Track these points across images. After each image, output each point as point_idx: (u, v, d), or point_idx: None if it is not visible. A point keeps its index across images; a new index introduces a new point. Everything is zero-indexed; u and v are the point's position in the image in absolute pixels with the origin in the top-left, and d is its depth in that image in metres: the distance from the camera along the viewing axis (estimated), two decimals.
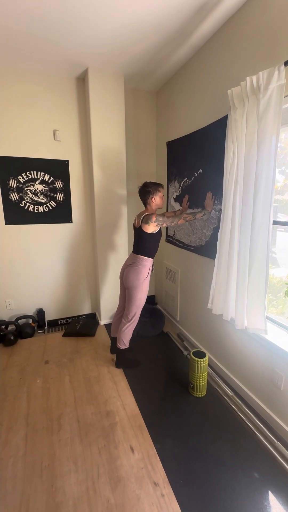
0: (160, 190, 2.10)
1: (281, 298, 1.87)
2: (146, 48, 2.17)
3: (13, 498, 1.33)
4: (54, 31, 1.92)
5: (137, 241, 2.16)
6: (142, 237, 2.09)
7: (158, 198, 2.10)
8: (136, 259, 2.15)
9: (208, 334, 2.37)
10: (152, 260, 2.17)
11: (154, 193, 2.08)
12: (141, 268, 2.12)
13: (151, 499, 1.32)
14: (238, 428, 1.73)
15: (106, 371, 2.27)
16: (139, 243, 2.14)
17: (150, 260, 2.15)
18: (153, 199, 2.09)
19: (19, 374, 2.24)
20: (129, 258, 2.23)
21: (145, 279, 2.14)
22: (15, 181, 2.66)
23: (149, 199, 2.09)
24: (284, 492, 1.35)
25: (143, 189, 2.09)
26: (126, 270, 2.18)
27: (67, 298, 3.14)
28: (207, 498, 1.33)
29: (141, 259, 2.13)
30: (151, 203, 2.10)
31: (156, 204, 2.11)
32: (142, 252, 2.13)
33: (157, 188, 2.09)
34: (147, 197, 2.09)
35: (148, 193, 2.07)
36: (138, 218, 2.14)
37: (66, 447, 1.59)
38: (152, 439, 1.64)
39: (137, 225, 2.13)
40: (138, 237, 2.15)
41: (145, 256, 2.13)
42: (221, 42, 1.92)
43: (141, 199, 2.13)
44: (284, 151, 1.73)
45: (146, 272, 2.14)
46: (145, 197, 2.10)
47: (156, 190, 2.08)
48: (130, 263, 2.17)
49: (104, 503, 1.30)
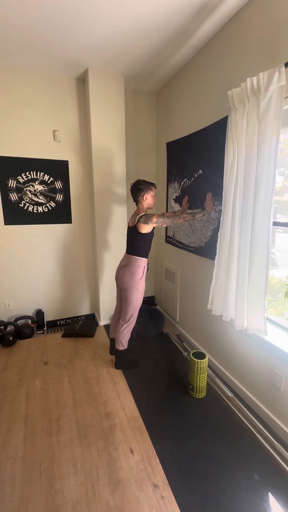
0: (152, 189, 2.08)
1: (280, 299, 1.87)
2: (146, 49, 2.18)
3: (11, 500, 1.32)
4: (54, 30, 1.92)
5: (131, 242, 2.15)
6: (136, 237, 2.08)
7: (149, 197, 2.07)
8: (130, 259, 2.14)
9: (208, 335, 2.36)
10: (146, 260, 2.16)
11: (146, 191, 2.05)
12: (135, 268, 2.11)
13: (150, 501, 1.31)
14: (238, 430, 1.72)
15: (105, 372, 2.27)
16: (133, 244, 2.12)
17: (144, 260, 2.15)
18: (144, 197, 2.06)
19: (18, 375, 2.23)
20: (123, 259, 2.22)
21: (140, 279, 2.13)
22: (15, 181, 2.66)
23: (140, 197, 2.06)
24: (284, 494, 1.35)
25: (135, 186, 2.06)
26: (121, 272, 2.17)
27: (66, 299, 3.14)
28: (207, 500, 1.32)
29: (135, 260, 2.12)
30: (142, 202, 2.07)
31: (147, 203, 2.08)
32: (136, 252, 2.12)
33: (149, 187, 2.06)
34: (138, 195, 2.05)
35: (140, 190, 2.04)
36: (132, 217, 2.13)
37: (65, 449, 1.58)
38: (152, 440, 1.64)
39: (131, 224, 2.12)
40: (131, 237, 2.14)
41: (139, 256, 2.12)
42: (222, 43, 1.93)
43: (132, 197, 2.11)
44: (283, 152, 1.73)
45: (141, 273, 2.13)
46: (136, 194, 2.06)
47: (148, 189, 2.05)
48: (125, 264, 2.17)
49: (104, 505, 1.30)
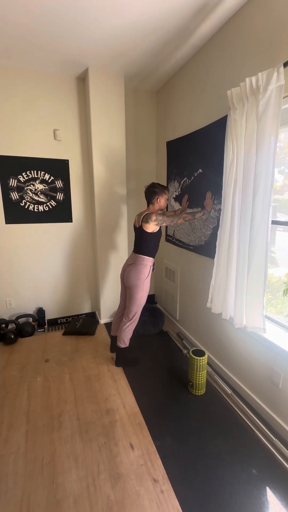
0: (166, 192, 2.16)
1: (280, 297, 1.89)
2: (146, 48, 2.18)
3: (14, 494, 1.34)
4: (55, 29, 1.92)
5: (138, 241, 2.17)
6: (143, 236, 2.11)
7: (163, 200, 2.15)
8: (137, 258, 2.16)
9: (207, 333, 2.38)
10: (153, 260, 2.19)
11: (160, 194, 2.13)
12: (142, 267, 2.13)
13: (150, 495, 1.34)
14: (237, 426, 1.74)
15: (106, 370, 2.29)
16: (140, 243, 2.16)
17: (151, 259, 2.17)
18: (158, 200, 2.13)
19: (20, 372, 2.26)
20: (130, 257, 2.25)
21: (146, 278, 2.15)
22: (15, 180, 2.67)
23: (154, 199, 2.13)
24: (282, 488, 1.37)
25: (150, 189, 2.14)
26: (127, 270, 2.19)
27: (67, 297, 3.16)
28: (206, 494, 1.34)
29: (142, 259, 2.14)
30: (155, 204, 2.15)
31: (160, 205, 2.16)
32: (143, 251, 2.15)
33: (164, 190, 2.14)
34: (152, 197, 2.13)
35: (155, 193, 2.12)
36: (138, 217, 2.16)
37: (67, 444, 1.61)
38: (152, 436, 1.66)
39: (137, 224, 2.15)
40: (138, 236, 2.17)
41: (146, 255, 2.15)
42: (221, 42, 1.93)
43: (146, 198, 2.18)
44: (283, 151, 1.74)
45: (147, 272, 2.15)
46: (150, 197, 2.14)
47: (162, 192, 2.13)
48: (131, 262, 2.19)
49: (104, 499, 1.32)
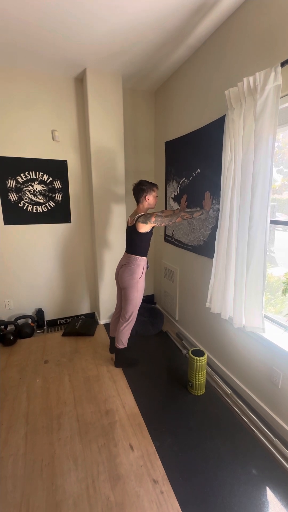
0: (154, 189, 2.11)
1: (279, 297, 1.89)
2: (144, 48, 2.18)
3: (13, 496, 1.34)
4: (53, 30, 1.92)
5: (130, 241, 2.17)
6: (135, 236, 2.10)
7: (151, 198, 2.10)
8: (129, 259, 2.15)
9: (207, 333, 2.38)
10: (146, 259, 2.18)
11: (148, 192, 2.08)
12: (135, 267, 2.12)
13: (150, 496, 1.33)
14: (237, 426, 1.74)
15: (105, 371, 2.28)
16: (132, 243, 2.14)
17: (144, 259, 2.16)
18: (147, 198, 2.09)
19: (19, 373, 2.25)
20: (123, 258, 2.24)
21: (140, 278, 2.14)
22: (14, 181, 2.67)
23: (142, 197, 2.09)
24: (282, 488, 1.37)
25: (138, 186, 2.09)
26: (121, 271, 2.18)
27: (66, 298, 3.15)
28: (206, 495, 1.34)
29: (135, 259, 2.13)
30: (144, 202, 2.10)
31: (148, 203, 2.11)
32: (135, 251, 2.14)
33: (152, 188, 2.09)
34: (140, 195, 2.08)
35: (142, 191, 2.07)
36: (132, 217, 2.14)
37: (66, 446, 1.60)
38: (151, 437, 1.66)
39: (129, 223, 2.14)
40: (130, 236, 2.16)
41: (138, 255, 2.14)
42: (219, 42, 1.94)
43: (135, 197, 2.13)
44: (282, 151, 1.74)
45: (141, 271, 2.14)
46: (138, 195, 2.09)
47: (150, 189, 2.08)
48: (124, 263, 2.18)
49: (104, 500, 1.31)
